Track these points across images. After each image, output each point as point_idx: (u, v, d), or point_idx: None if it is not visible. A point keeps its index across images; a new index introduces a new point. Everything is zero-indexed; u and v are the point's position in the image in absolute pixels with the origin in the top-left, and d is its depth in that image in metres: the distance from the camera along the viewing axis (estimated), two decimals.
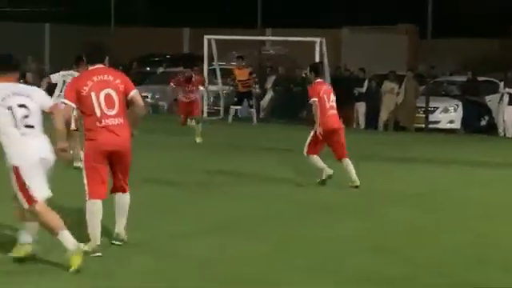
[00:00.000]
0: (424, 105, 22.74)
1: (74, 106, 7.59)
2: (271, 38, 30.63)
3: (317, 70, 12.80)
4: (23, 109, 7.09)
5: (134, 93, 7.81)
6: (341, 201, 11.28)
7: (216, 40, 25.12)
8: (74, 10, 35.07)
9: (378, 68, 25.57)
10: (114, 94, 7.65)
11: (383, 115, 23.53)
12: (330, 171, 12.16)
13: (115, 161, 7.76)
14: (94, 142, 7.61)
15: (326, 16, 31.71)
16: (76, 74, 11.70)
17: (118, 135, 7.63)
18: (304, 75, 23.57)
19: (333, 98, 12.43)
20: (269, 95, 25.79)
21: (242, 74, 23.43)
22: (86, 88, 7.60)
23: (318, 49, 23.12)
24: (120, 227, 7.98)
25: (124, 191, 7.94)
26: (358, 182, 12.03)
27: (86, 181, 7.64)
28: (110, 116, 7.60)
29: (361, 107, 24.05)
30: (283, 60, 27.57)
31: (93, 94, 7.57)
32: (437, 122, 22.93)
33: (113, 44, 32.20)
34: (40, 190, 7.05)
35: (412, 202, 11.37)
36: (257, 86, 24.68)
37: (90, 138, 7.64)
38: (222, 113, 24.99)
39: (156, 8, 37.86)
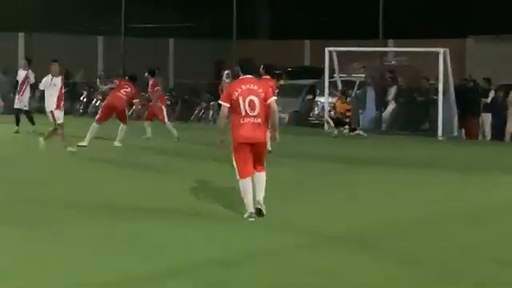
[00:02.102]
0: None
1: (228, 105, 9.86)
2: (393, 49, 30.30)
3: None
4: None
5: (271, 100, 10.05)
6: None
7: (337, 52, 25.05)
8: (197, 24, 35.73)
9: (505, 78, 24.86)
10: (256, 99, 9.87)
11: (510, 126, 22.87)
12: None
13: (255, 147, 9.95)
14: (237, 135, 9.89)
15: (449, 26, 31.09)
16: None
17: (255, 131, 9.85)
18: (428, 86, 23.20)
19: None
20: (391, 107, 25.48)
21: (341, 107, 23.17)
22: (236, 93, 9.89)
23: (441, 59, 22.71)
24: (260, 196, 10.00)
25: (261, 170, 10.11)
26: None
27: (235, 164, 9.93)
28: (251, 116, 9.83)
29: (486, 118, 23.44)
30: (405, 71, 27.18)
31: (240, 98, 9.85)
32: None
33: (234, 58, 32.68)
34: None
35: None
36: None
37: (235, 132, 9.92)
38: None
39: (277, 21, 38.11)
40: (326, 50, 25.05)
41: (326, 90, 25.09)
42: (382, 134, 24.09)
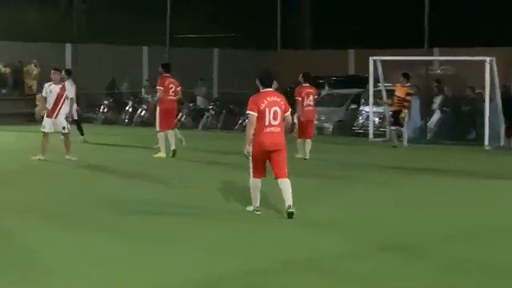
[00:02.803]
0: None
1: (256, 114, 10.69)
2: (438, 57, 30.03)
3: None
4: None
5: (288, 112, 11.05)
6: None
7: (382, 61, 24.94)
8: (241, 35, 35.88)
9: None
10: (278, 110, 10.81)
11: None
12: None
13: (274, 155, 10.82)
14: (259, 142, 10.76)
15: (496, 34, 30.76)
16: None
17: (276, 138, 10.81)
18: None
19: None
20: (436, 116, 25.26)
21: (400, 91, 22.94)
22: (263, 104, 10.77)
23: (487, 68, 22.47)
24: (290, 201, 10.70)
25: (284, 177, 10.82)
26: None
27: (251, 165, 10.90)
28: (273, 125, 10.75)
29: None
30: (451, 80, 26.93)
31: (267, 109, 10.75)
32: None
33: (278, 68, 32.72)
34: None
35: None
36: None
37: (257, 140, 10.78)
38: (387, 134, 24.66)
39: (321, 31, 38.07)
40: (371, 59, 24.95)
41: (371, 99, 24.99)
42: (428, 143, 23.89)
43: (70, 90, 18.51)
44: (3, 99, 30.54)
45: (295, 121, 17.22)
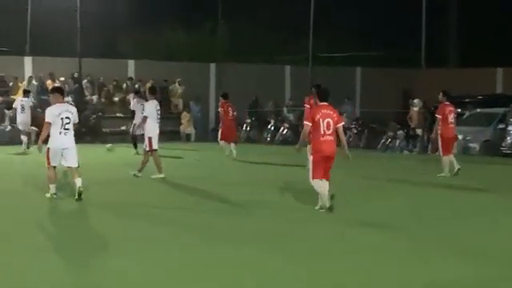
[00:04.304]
0: None
1: (310, 125, 12.38)
2: None
3: None
4: None
5: (340, 125, 12.56)
6: None
7: None
8: (384, 53, 35.52)
9: None
10: (331, 122, 12.39)
11: None
12: None
13: (327, 160, 12.37)
14: (320, 149, 12.33)
15: None
16: None
17: (331, 146, 12.37)
18: None
19: None
20: None
21: None
22: (318, 116, 12.39)
23: None
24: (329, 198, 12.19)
25: (328, 179, 12.35)
26: None
27: (312, 168, 12.36)
28: (327, 134, 12.35)
29: None
30: None
31: (321, 120, 12.36)
32: None
33: (422, 86, 32.11)
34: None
35: None
36: None
37: (315, 147, 12.42)
38: None
39: (468, 49, 37.15)
40: None
41: None
42: None
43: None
44: None
45: (432, 136, 17.94)
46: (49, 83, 30.50)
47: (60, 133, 13.18)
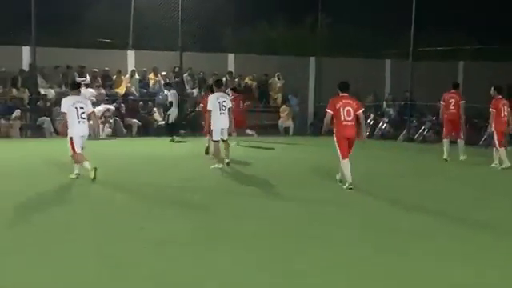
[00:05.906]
0: None
1: (332, 113, 14.41)
2: None
3: None
4: None
5: (360, 111, 14.52)
6: None
7: None
8: (487, 47, 34.64)
9: None
10: (351, 109, 14.39)
11: None
12: None
13: (350, 142, 14.37)
14: (341, 133, 14.31)
15: None
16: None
17: (351, 130, 14.37)
18: None
19: None
20: None
21: None
22: (338, 105, 14.46)
23: None
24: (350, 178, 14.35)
25: (348, 157, 14.36)
26: None
27: (338, 149, 14.32)
28: (348, 120, 14.36)
29: None
30: None
31: (341, 108, 14.44)
32: None
33: None
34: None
35: None
36: None
37: (337, 130, 14.39)
38: None
39: None
40: None
41: None
42: None
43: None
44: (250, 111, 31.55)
45: (489, 130, 19.78)
46: (151, 77, 31.13)
47: (79, 122, 14.74)
